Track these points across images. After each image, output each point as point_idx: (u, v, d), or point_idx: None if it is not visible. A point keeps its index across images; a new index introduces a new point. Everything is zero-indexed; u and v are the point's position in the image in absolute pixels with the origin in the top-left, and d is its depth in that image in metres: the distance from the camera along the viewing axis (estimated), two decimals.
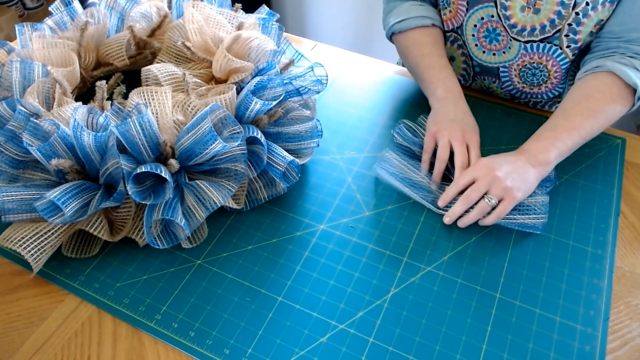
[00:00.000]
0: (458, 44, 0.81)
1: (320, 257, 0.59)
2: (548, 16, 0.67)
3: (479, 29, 0.74)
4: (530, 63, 0.74)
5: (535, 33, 0.70)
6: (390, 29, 0.77)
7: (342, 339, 0.52)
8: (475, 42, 0.76)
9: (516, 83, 0.78)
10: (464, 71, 0.84)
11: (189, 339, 0.52)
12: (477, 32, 0.74)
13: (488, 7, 0.70)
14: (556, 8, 0.65)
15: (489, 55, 0.77)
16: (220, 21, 0.69)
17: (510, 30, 0.71)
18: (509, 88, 0.79)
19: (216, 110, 0.56)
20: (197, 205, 0.57)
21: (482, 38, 0.75)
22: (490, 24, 0.72)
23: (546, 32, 0.69)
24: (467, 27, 0.75)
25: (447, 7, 0.75)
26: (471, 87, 0.85)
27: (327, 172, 0.68)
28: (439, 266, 0.58)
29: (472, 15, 0.73)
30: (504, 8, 0.69)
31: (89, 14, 0.72)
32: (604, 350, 0.51)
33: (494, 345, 0.51)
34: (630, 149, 0.71)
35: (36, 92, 0.60)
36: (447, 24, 0.78)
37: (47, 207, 0.52)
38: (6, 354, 0.51)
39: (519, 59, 0.74)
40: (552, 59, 0.72)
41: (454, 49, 0.82)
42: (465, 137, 0.65)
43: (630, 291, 0.56)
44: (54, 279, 0.57)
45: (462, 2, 0.72)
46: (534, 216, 0.60)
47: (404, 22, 0.75)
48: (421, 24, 0.74)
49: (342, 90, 0.81)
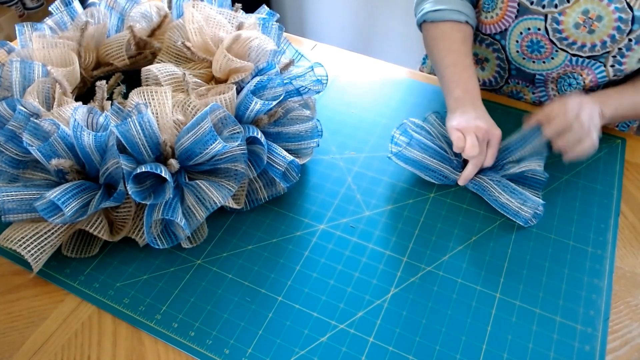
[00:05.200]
0: (494, 48, 0.79)
1: (320, 257, 0.59)
2: (601, 38, 0.67)
3: (524, 37, 0.73)
4: (571, 72, 0.73)
5: (584, 49, 0.69)
6: (424, 16, 0.75)
7: (342, 339, 0.52)
8: (517, 48, 0.75)
9: (549, 90, 0.77)
10: (496, 73, 0.82)
11: (189, 339, 0.52)
12: (521, 40, 0.74)
13: (537, 19, 0.70)
14: (612, 32, 0.65)
15: (529, 62, 0.76)
16: (220, 21, 0.69)
17: (560, 42, 0.70)
18: (541, 94, 0.79)
19: (216, 110, 0.56)
20: (197, 205, 0.57)
21: (525, 47, 0.74)
22: (535, 35, 0.72)
23: (595, 51, 0.69)
24: (511, 35, 0.74)
25: (492, 10, 0.74)
26: (502, 89, 0.84)
27: (327, 172, 0.68)
28: (439, 266, 0.58)
29: (518, 24, 0.72)
30: (556, 22, 0.68)
31: (89, 14, 0.72)
32: (604, 350, 0.51)
33: (494, 345, 0.51)
34: (630, 149, 0.71)
35: (36, 92, 0.60)
36: (486, 27, 0.76)
37: (47, 207, 0.52)
38: (6, 354, 0.51)
39: (561, 68, 0.74)
40: (593, 73, 0.72)
41: (489, 52, 0.81)
42: (489, 132, 0.64)
43: (630, 291, 0.56)
44: (54, 279, 0.57)
45: (512, 9, 0.71)
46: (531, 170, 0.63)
47: (439, 12, 0.73)
48: (455, 18, 0.73)
49: (342, 90, 0.81)
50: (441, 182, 0.66)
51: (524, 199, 0.61)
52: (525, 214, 0.61)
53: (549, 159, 0.68)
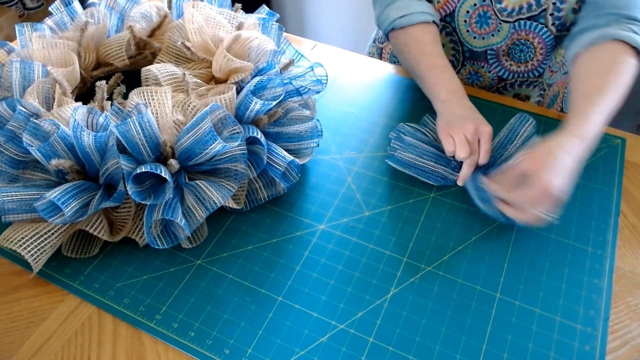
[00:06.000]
0: (446, 31, 0.81)
1: (320, 257, 0.59)
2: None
3: (472, 14, 0.75)
4: (518, 39, 0.76)
5: (523, 11, 0.72)
6: (391, 24, 0.75)
7: (342, 339, 0.52)
8: (467, 27, 0.77)
9: (504, 62, 0.79)
10: (452, 57, 0.84)
11: (189, 339, 0.52)
12: (470, 18, 0.75)
13: None
14: None
15: (479, 40, 0.78)
16: (220, 21, 0.69)
17: (500, 14, 0.72)
18: (497, 69, 0.80)
19: (216, 110, 0.56)
20: (197, 205, 0.57)
21: (474, 23, 0.76)
22: (482, 8, 0.74)
23: (532, 10, 0.71)
24: (459, 14, 0.76)
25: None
26: (459, 72, 0.85)
27: (327, 172, 0.68)
28: (439, 266, 0.58)
29: (465, 3, 0.74)
30: None
31: (89, 14, 0.72)
32: (604, 350, 0.51)
33: (494, 345, 0.51)
34: (630, 149, 0.71)
35: (36, 92, 0.60)
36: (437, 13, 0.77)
37: (47, 207, 0.52)
38: (6, 354, 0.51)
39: (508, 39, 0.76)
40: (538, 36, 0.74)
41: (443, 36, 0.82)
42: (478, 130, 0.64)
43: (630, 291, 0.56)
44: (54, 279, 0.57)
45: None
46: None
47: (406, 18, 0.73)
48: (423, 20, 0.74)
49: (342, 90, 0.81)
50: (440, 184, 0.66)
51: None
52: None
53: None
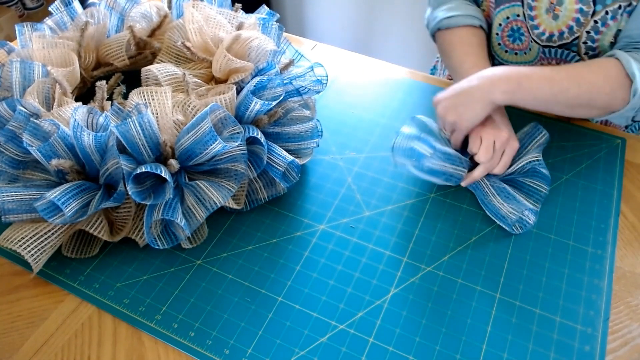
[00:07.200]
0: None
1: (320, 258, 0.59)
2: (566, 23, 0.66)
3: (504, 28, 0.74)
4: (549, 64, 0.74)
5: (554, 39, 0.69)
6: (438, 24, 0.75)
7: (342, 339, 0.52)
8: (498, 40, 0.76)
9: None
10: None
11: (189, 339, 0.52)
12: (502, 32, 0.74)
13: (515, 6, 0.70)
14: (575, 15, 0.65)
15: (511, 55, 0.76)
16: (220, 21, 0.69)
17: (532, 32, 0.70)
18: None
19: (216, 111, 0.56)
20: (197, 206, 0.57)
21: (506, 37, 0.75)
22: (515, 23, 0.72)
23: (564, 38, 0.68)
24: (492, 27, 0.75)
25: (481, 4, 0.75)
26: None
27: (327, 172, 0.68)
28: (439, 266, 0.58)
29: (498, 14, 0.73)
30: (530, 8, 0.68)
31: (89, 14, 0.72)
32: (604, 350, 0.51)
33: (494, 345, 0.51)
34: (630, 149, 0.71)
35: (36, 92, 0.60)
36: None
37: (47, 207, 0.52)
38: (6, 354, 0.51)
39: (537, 61, 0.74)
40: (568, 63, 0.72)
41: None
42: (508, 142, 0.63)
43: (630, 291, 0.56)
44: (54, 279, 0.57)
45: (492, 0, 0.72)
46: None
47: (454, 19, 0.73)
48: (470, 23, 0.73)
49: (342, 90, 0.81)
50: (455, 183, 0.64)
51: (516, 205, 0.61)
52: (511, 216, 0.60)
53: (549, 160, 0.68)
